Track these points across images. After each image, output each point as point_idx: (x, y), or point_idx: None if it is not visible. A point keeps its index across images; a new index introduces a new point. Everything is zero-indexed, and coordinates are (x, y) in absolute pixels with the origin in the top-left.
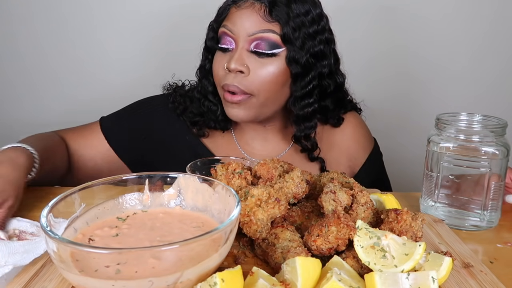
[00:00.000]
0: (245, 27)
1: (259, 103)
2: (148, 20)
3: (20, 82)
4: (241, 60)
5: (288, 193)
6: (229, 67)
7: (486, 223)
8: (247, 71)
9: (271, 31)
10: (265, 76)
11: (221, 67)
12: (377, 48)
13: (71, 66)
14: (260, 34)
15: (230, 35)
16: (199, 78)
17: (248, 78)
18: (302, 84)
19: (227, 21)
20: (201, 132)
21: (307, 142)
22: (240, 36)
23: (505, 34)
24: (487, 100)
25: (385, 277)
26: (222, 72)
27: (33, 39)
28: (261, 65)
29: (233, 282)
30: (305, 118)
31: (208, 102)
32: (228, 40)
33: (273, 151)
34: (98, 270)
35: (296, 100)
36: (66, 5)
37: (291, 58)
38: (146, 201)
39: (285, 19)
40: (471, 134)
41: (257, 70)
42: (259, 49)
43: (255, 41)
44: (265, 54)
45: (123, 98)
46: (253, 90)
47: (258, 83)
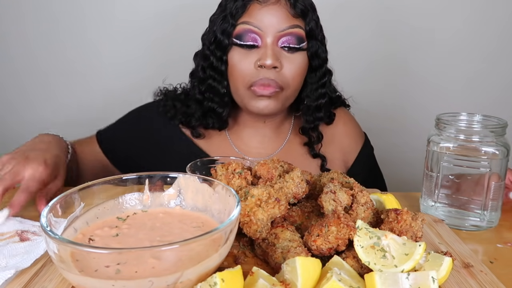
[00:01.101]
0: (273, 23)
1: (287, 96)
2: (144, 22)
3: (11, 84)
4: (275, 56)
5: (288, 193)
6: (264, 64)
7: (486, 223)
8: (280, 66)
9: (298, 26)
10: (296, 70)
11: (249, 64)
12: (377, 48)
13: (62, 68)
14: (289, 29)
15: (256, 31)
16: (202, 79)
17: (281, 73)
18: (319, 76)
19: (250, 17)
20: (195, 133)
21: (315, 133)
22: (268, 32)
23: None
24: (487, 100)
25: (385, 277)
26: (250, 70)
27: (24, 41)
28: (291, 59)
29: (233, 282)
30: (317, 109)
31: (214, 103)
32: (253, 36)
33: (269, 148)
34: (98, 270)
35: (312, 91)
36: (58, 6)
37: (313, 52)
38: (146, 201)
39: (308, 14)
40: (471, 134)
41: (288, 65)
42: (289, 44)
43: (284, 37)
44: (294, 49)
45: (117, 100)
46: (284, 84)
47: (290, 77)
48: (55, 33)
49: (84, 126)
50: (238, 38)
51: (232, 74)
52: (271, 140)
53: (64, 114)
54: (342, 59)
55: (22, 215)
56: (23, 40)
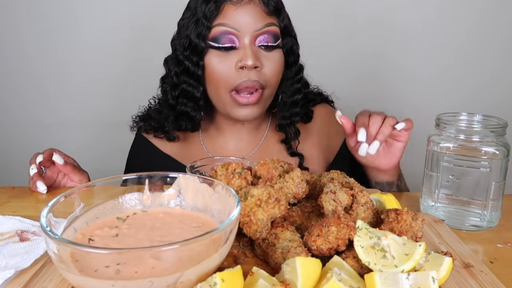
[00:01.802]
0: (249, 23)
1: (267, 96)
2: (139, 22)
3: (4, 86)
4: (255, 56)
5: (288, 193)
6: (246, 65)
7: (486, 223)
8: (261, 66)
9: (273, 24)
10: (275, 68)
11: (228, 67)
12: (377, 48)
13: (55, 70)
14: (266, 28)
15: (233, 32)
16: (175, 84)
17: (262, 72)
18: (294, 72)
19: (225, 19)
20: (170, 137)
21: (291, 129)
22: (245, 32)
23: (506, 34)
24: (487, 100)
25: (385, 277)
26: (231, 73)
27: (17, 42)
28: (269, 58)
29: (233, 282)
30: (293, 104)
31: (187, 107)
32: (230, 38)
33: (246, 150)
34: (98, 270)
35: (288, 87)
36: (51, 8)
37: (289, 49)
38: (146, 201)
39: (280, 11)
40: (471, 134)
41: (267, 63)
42: (267, 43)
43: (261, 36)
44: (272, 47)
45: (113, 101)
46: (266, 83)
47: (270, 75)
48: (48, 34)
49: (78, 127)
50: (215, 40)
51: (211, 78)
52: (248, 141)
53: (58, 116)
54: (341, 59)
55: (21, 215)
56: (16, 41)
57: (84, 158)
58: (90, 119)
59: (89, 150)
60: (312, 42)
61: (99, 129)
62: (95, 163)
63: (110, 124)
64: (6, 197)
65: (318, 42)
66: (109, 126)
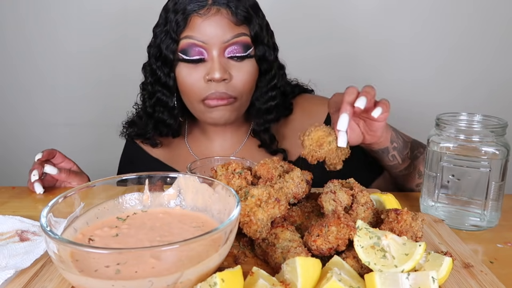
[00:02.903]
0: (217, 35)
1: (241, 104)
2: (141, 21)
3: (10, 85)
4: (223, 68)
5: (288, 193)
6: (213, 78)
7: (486, 223)
8: (230, 78)
9: (243, 34)
10: (246, 78)
11: (198, 79)
12: (376, 48)
13: (62, 69)
14: (234, 39)
15: (200, 45)
16: (150, 93)
17: (231, 84)
18: (268, 79)
19: (192, 31)
20: (152, 143)
21: (266, 135)
22: (213, 45)
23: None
24: (488, 100)
25: (385, 277)
26: (200, 85)
27: (24, 41)
28: (239, 68)
29: (233, 282)
30: (267, 111)
31: (163, 115)
32: (198, 50)
33: (230, 149)
34: (98, 270)
35: (262, 94)
36: (56, 7)
37: (261, 56)
38: (146, 201)
39: (251, 19)
40: (471, 134)
41: (237, 74)
42: (236, 54)
43: (230, 47)
44: (242, 57)
45: (115, 100)
46: (237, 94)
47: (241, 85)
48: (54, 34)
49: (83, 127)
50: (183, 53)
51: (182, 89)
52: (232, 141)
53: (63, 115)
54: (340, 60)
55: (21, 215)
56: (23, 40)
57: (89, 158)
58: (96, 119)
59: (94, 150)
60: (299, 35)
61: (104, 129)
62: (101, 162)
63: (116, 125)
64: (6, 197)
65: (305, 36)
66: (114, 126)
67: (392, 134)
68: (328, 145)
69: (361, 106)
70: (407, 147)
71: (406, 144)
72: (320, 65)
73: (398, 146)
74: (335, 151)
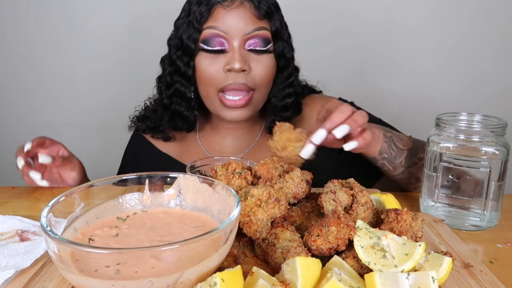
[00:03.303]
0: (239, 26)
1: (257, 99)
2: (140, 21)
3: (11, 85)
4: (243, 59)
5: (288, 193)
6: (233, 68)
7: (486, 223)
8: (249, 69)
9: (264, 28)
10: (264, 71)
11: (217, 69)
12: (376, 48)
13: (63, 70)
14: (255, 32)
15: (222, 35)
16: (169, 84)
17: (250, 75)
18: (285, 75)
19: (215, 22)
20: (165, 136)
21: None
22: (235, 36)
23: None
24: (487, 99)
25: (385, 277)
26: (219, 75)
27: (25, 43)
28: (258, 61)
29: (233, 282)
30: (284, 108)
31: (180, 107)
32: (220, 41)
33: (242, 147)
34: (98, 270)
35: (279, 91)
36: (56, 10)
37: (280, 53)
38: (146, 201)
39: (272, 15)
40: (471, 134)
41: (256, 66)
42: (256, 47)
43: (251, 39)
44: (261, 51)
45: (116, 102)
46: (255, 86)
47: (259, 78)
48: (55, 35)
49: (85, 128)
50: (205, 43)
51: (201, 79)
52: (244, 139)
53: (63, 116)
54: (339, 59)
55: (21, 215)
56: (24, 42)
57: (90, 158)
58: (96, 119)
59: (95, 150)
60: (306, 37)
61: (105, 129)
62: (102, 162)
63: (117, 124)
64: (6, 197)
65: (312, 37)
66: (115, 126)
67: (383, 146)
68: (291, 151)
69: (337, 135)
70: (402, 156)
71: (401, 153)
72: (322, 66)
73: (388, 157)
74: (295, 157)
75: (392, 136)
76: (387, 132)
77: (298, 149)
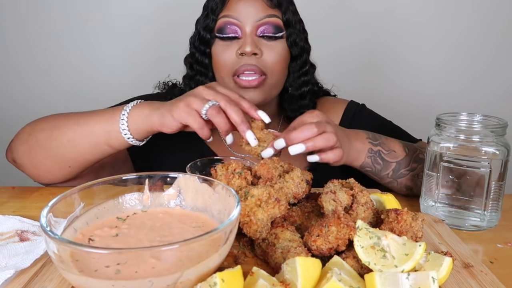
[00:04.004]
0: (251, 13)
1: (270, 84)
2: (139, 22)
3: (6, 83)
4: (254, 43)
5: (288, 193)
6: (244, 51)
7: (486, 223)
8: (260, 53)
9: (275, 16)
10: (276, 57)
11: (231, 54)
12: (375, 48)
13: (63, 68)
14: (267, 19)
15: (235, 23)
16: (191, 76)
17: (262, 59)
18: (300, 64)
19: (229, 11)
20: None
21: None
22: (247, 23)
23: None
24: (488, 99)
25: (385, 277)
26: (233, 59)
27: (25, 39)
28: (270, 47)
29: (233, 282)
30: (301, 97)
31: None
32: (233, 29)
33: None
34: (98, 270)
35: (294, 80)
36: (57, 7)
37: (292, 41)
38: (146, 201)
39: (284, 4)
40: (471, 134)
41: (267, 52)
42: (267, 33)
43: (262, 26)
44: (272, 37)
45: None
46: (267, 70)
47: (271, 63)
48: (56, 32)
49: None
50: (220, 31)
51: (216, 65)
52: None
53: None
54: (338, 59)
55: (21, 215)
56: (24, 38)
57: None
58: None
59: None
60: (312, 33)
61: None
62: None
63: None
64: (6, 197)
65: (318, 34)
66: None
67: (365, 161)
68: (254, 148)
69: (290, 152)
70: (389, 168)
71: (387, 165)
72: (321, 65)
73: (372, 170)
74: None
75: (381, 149)
76: (376, 145)
77: (260, 149)
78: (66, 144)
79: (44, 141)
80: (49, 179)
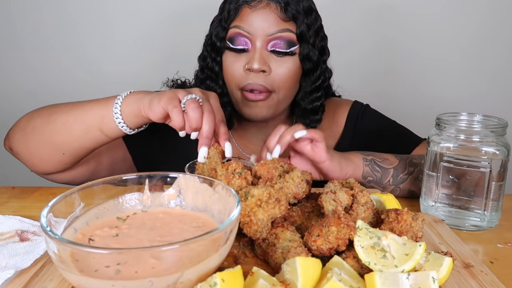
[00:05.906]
0: (263, 27)
1: (278, 100)
2: (131, 24)
3: (23, 74)
4: (263, 60)
5: (288, 193)
6: (251, 68)
7: (486, 223)
8: (268, 70)
9: (288, 30)
10: (285, 74)
11: (239, 68)
12: (375, 47)
13: (62, 69)
14: (279, 33)
15: (246, 35)
16: (202, 79)
17: (270, 77)
18: (313, 79)
19: (241, 21)
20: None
21: None
22: (258, 36)
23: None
24: (487, 99)
25: (385, 277)
26: (240, 73)
27: (38, 38)
28: (280, 63)
29: (233, 282)
30: (312, 112)
31: None
32: (244, 40)
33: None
34: (98, 270)
35: (306, 94)
36: (67, 5)
37: (305, 55)
38: (146, 201)
39: (299, 17)
40: (472, 134)
41: (277, 68)
42: (278, 49)
43: (273, 41)
44: (283, 53)
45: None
46: (274, 88)
47: (279, 80)
48: (47, 33)
49: None
50: (230, 41)
51: (225, 75)
52: None
53: None
54: (339, 58)
55: (21, 215)
56: (33, 31)
57: None
58: None
59: None
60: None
61: None
62: None
63: None
64: (6, 197)
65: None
66: None
67: (365, 170)
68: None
69: (275, 156)
70: (389, 175)
71: (386, 172)
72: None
73: (374, 179)
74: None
75: (374, 158)
76: (368, 155)
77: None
78: (60, 127)
79: (41, 126)
80: (44, 168)
